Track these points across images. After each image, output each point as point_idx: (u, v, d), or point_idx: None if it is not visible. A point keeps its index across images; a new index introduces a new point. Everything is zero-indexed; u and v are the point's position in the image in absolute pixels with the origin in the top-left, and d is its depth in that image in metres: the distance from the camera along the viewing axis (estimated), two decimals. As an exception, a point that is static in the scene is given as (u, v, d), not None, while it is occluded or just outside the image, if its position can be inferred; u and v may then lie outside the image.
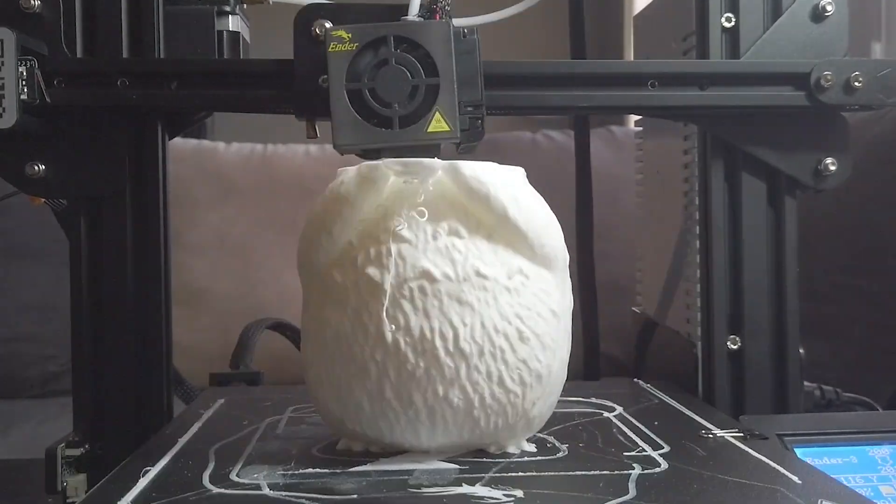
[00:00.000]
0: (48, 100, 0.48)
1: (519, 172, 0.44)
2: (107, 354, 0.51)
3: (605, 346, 1.21)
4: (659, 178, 0.68)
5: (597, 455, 0.43)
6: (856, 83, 0.52)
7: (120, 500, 0.36)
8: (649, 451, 0.43)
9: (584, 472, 0.40)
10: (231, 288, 1.24)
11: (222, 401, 0.57)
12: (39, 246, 1.23)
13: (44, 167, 0.50)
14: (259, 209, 1.27)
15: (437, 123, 0.45)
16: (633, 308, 0.74)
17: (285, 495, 0.37)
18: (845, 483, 0.38)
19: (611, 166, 1.32)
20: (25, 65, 0.47)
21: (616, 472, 0.40)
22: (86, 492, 0.49)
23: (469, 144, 0.48)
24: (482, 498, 0.36)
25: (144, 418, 0.51)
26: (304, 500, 0.36)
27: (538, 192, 0.44)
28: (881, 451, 0.49)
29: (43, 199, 0.52)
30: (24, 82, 0.47)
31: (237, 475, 0.40)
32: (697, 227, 0.57)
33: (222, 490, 0.38)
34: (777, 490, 0.37)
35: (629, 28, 1.79)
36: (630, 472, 0.40)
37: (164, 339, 0.52)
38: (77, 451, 0.49)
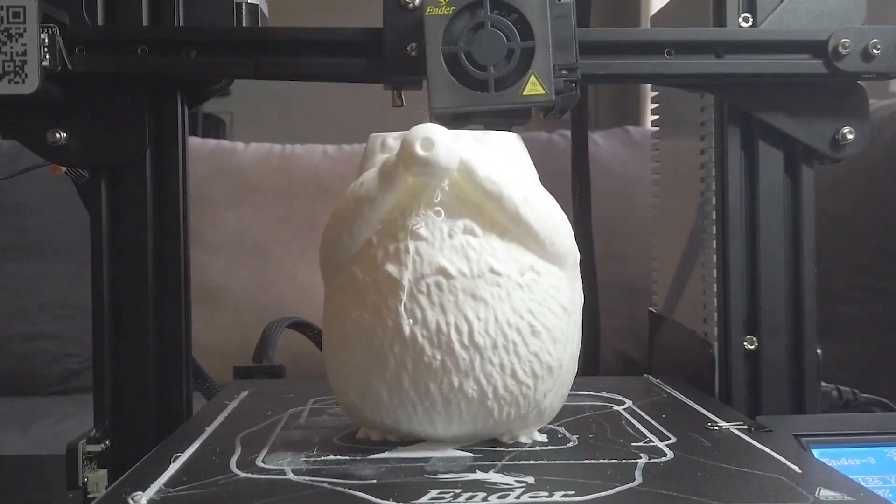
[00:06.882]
0: (70, 67, 0.48)
1: (511, 137, 0.45)
2: (127, 350, 0.51)
3: (623, 345, 1.21)
4: (675, 178, 0.68)
5: (605, 445, 0.44)
6: (874, 50, 0.51)
7: (152, 483, 0.38)
8: (656, 442, 0.44)
9: (592, 461, 0.41)
10: (248, 286, 1.25)
11: (246, 392, 0.58)
12: (59, 244, 1.24)
13: (65, 135, 0.50)
14: (277, 208, 1.28)
15: (533, 87, 0.45)
16: (650, 308, 0.73)
17: (308, 480, 0.38)
18: (863, 484, 0.38)
19: (627, 166, 1.31)
20: (47, 32, 0.47)
21: (624, 460, 0.41)
22: (106, 487, 0.49)
23: (562, 107, 0.47)
24: (495, 484, 0.37)
25: (165, 414, 0.52)
26: (325, 484, 0.38)
27: (554, 191, 0.44)
28: (899, 452, 0.49)
29: (64, 169, 0.52)
30: (45, 49, 0.47)
31: (262, 461, 0.42)
32: (714, 227, 0.57)
33: (249, 475, 0.40)
34: (778, 479, 0.38)
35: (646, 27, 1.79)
36: (637, 460, 0.41)
37: (183, 332, 0.52)
38: (98, 447, 0.49)
